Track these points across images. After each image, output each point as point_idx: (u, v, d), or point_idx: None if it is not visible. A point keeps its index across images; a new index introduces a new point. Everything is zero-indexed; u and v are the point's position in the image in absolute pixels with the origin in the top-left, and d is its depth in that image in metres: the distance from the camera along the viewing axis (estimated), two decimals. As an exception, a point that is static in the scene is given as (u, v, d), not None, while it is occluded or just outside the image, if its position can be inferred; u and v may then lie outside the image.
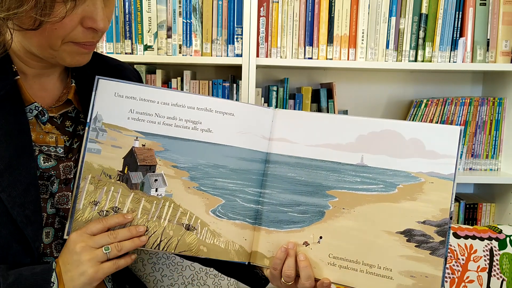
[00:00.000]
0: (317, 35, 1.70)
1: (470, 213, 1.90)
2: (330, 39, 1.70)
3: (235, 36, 1.67)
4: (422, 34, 1.70)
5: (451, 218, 0.85)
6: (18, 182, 0.83)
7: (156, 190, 0.92)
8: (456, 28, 1.70)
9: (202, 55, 1.69)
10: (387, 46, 1.71)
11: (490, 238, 1.52)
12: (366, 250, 0.89)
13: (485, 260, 1.49)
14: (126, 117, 0.91)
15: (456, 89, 2.00)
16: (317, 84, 1.97)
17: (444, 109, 1.81)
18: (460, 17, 1.69)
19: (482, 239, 1.52)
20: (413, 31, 1.70)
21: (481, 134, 1.84)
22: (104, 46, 1.67)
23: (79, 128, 0.97)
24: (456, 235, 1.52)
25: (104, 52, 1.67)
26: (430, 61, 1.72)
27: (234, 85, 1.74)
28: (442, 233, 0.85)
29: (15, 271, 0.82)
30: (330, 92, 1.80)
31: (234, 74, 1.78)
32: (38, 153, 0.89)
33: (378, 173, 0.89)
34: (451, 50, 1.71)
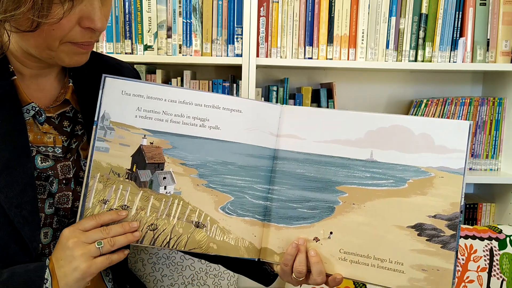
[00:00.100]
0: (317, 35, 1.70)
1: (470, 213, 1.90)
2: (330, 39, 1.70)
3: (235, 36, 1.67)
4: (422, 34, 1.71)
5: (462, 212, 0.86)
6: (15, 183, 0.83)
7: (164, 188, 0.92)
8: (456, 28, 1.70)
9: (202, 55, 1.68)
10: (387, 46, 1.71)
11: (490, 238, 1.53)
12: (377, 245, 0.89)
13: (485, 260, 1.50)
14: (134, 115, 0.91)
15: (456, 89, 2.01)
16: (317, 84, 1.97)
17: (444, 109, 1.81)
18: (460, 17, 1.70)
19: (482, 239, 1.52)
20: (413, 31, 1.71)
21: (481, 134, 1.84)
22: (104, 46, 1.66)
23: (77, 128, 0.96)
24: (456, 235, 1.52)
25: (104, 52, 1.66)
26: (430, 61, 1.72)
27: (234, 85, 1.74)
28: (453, 226, 0.86)
29: (9, 269, 0.81)
30: (330, 92, 1.80)
31: (234, 74, 1.78)
32: (35, 153, 0.88)
33: (388, 168, 0.89)
34: (451, 50, 1.71)
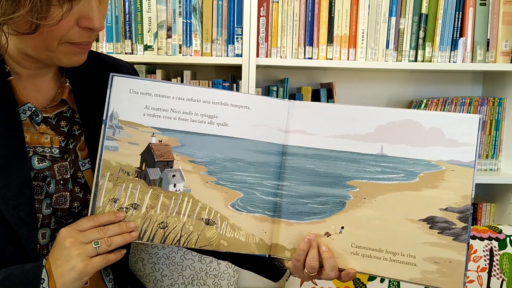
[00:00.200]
0: (317, 35, 1.70)
1: (470, 212, 1.90)
2: (330, 39, 1.70)
3: (235, 36, 1.67)
4: (422, 34, 1.71)
5: (473, 204, 0.86)
6: (12, 183, 0.82)
7: (174, 186, 0.91)
8: (456, 28, 1.71)
9: (202, 55, 1.68)
10: (387, 46, 1.71)
11: (490, 238, 1.53)
12: (389, 239, 0.89)
13: (485, 260, 1.50)
14: (142, 113, 0.90)
15: (456, 89, 2.01)
16: (317, 84, 1.97)
17: (444, 109, 1.82)
18: (460, 17, 1.70)
19: (482, 239, 1.52)
20: (413, 31, 1.71)
21: (481, 134, 1.84)
22: (104, 46, 1.65)
23: (75, 128, 0.96)
24: (456, 235, 1.52)
25: (104, 52, 1.65)
26: (430, 61, 1.72)
27: (234, 85, 1.74)
28: (464, 219, 0.86)
29: (5, 270, 0.81)
30: (330, 92, 1.80)
31: (234, 74, 1.78)
32: (32, 154, 0.88)
33: (399, 162, 0.90)
34: (451, 50, 1.72)
